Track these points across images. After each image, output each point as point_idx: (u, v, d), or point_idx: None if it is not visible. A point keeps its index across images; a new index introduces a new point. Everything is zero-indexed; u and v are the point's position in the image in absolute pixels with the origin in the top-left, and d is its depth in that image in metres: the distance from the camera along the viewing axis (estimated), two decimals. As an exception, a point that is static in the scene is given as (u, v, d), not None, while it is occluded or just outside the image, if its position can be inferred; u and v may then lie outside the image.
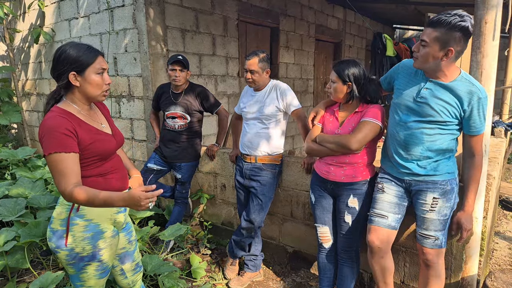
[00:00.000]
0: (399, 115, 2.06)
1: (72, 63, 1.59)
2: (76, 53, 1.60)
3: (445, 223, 2.02)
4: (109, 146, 1.74)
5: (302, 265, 3.09)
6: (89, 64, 1.62)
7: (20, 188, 3.53)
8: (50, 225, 1.70)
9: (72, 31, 4.63)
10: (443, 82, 1.91)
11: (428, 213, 2.01)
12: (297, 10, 6.17)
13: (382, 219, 2.13)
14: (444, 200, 1.99)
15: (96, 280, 1.77)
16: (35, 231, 2.81)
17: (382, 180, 2.19)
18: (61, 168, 1.54)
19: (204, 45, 4.58)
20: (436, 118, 1.92)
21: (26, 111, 5.81)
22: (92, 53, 1.64)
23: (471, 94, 1.85)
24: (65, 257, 1.67)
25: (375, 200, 2.19)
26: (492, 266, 3.23)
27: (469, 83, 1.88)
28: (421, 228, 2.06)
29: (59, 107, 1.65)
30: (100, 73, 1.65)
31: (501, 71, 6.65)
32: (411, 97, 2.00)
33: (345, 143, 2.15)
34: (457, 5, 5.88)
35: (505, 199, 4.75)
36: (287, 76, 6.20)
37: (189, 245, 3.47)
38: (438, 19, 1.80)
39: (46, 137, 1.55)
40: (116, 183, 1.78)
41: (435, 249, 2.03)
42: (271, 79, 2.78)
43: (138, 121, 4.10)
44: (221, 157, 3.46)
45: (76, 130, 1.60)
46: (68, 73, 1.60)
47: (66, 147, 1.56)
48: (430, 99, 1.93)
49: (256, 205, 2.75)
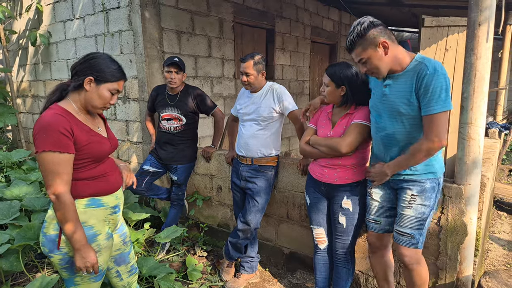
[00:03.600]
0: (374, 117, 2.09)
1: (97, 70, 1.65)
2: (106, 64, 1.67)
3: (422, 222, 1.97)
4: (104, 149, 1.74)
5: (298, 267, 3.09)
6: (109, 81, 1.68)
7: (14, 190, 3.51)
8: (42, 230, 1.68)
9: (67, 33, 4.62)
10: (398, 73, 1.90)
11: (405, 209, 1.98)
12: (292, 12, 6.19)
13: (375, 225, 2.18)
14: (422, 198, 1.95)
15: (91, 283, 1.76)
16: (30, 234, 2.79)
17: (369, 184, 2.20)
18: (53, 168, 1.54)
19: (200, 47, 4.58)
20: (402, 113, 1.89)
21: (21, 113, 5.78)
22: (119, 74, 1.71)
23: (419, 73, 1.79)
24: (59, 261, 1.66)
25: (368, 206, 2.22)
26: (486, 267, 3.24)
27: (418, 63, 1.83)
28: (397, 225, 2.03)
29: (58, 105, 1.65)
30: (113, 93, 1.71)
31: (495, 72, 6.70)
32: (378, 98, 2.03)
33: (336, 147, 2.17)
34: (451, 7, 5.92)
35: (500, 199, 4.79)
36: (283, 78, 6.21)
37: (185, 247, 3.47)
38: (350, 42, 1.88)
39: (41, 134, 1.54)
40: (106, 186, 1.77)
41: (411, 248, 1.99)
42: (267, 81, 2.78)
43: (133, 123, 4.09)
44: (217, 159, 3.45)
45: (73, 130, 1.60)
46: (87, 76, 1.63)
47: (62, 146, 1.55)
48: (390, 95, 1.93)
49: (252, 206, 2.75)
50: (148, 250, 3.32)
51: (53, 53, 4.93)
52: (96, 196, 1.72)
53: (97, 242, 1.71)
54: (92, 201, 1.70)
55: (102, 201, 1.74)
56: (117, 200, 1.83)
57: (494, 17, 2.02)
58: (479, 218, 2.28)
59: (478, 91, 2.05)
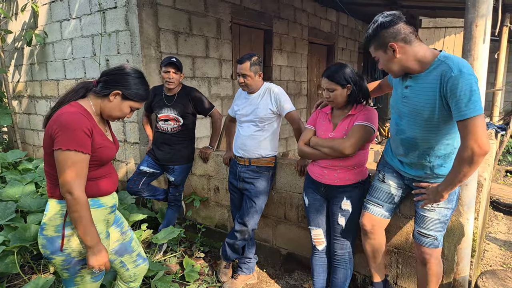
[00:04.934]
0: (394, 118, 2.05)
1: (127, 87, 1.70)
2: (136, 85, 1.72)
3: (445, 224, 1.99)
4: (111, 154, 1.77)
5: (295, 267, 3.09)
6: (134, 100, 1.74)
7: (10, 191, 3.49)
8: (42, 232, 1.66)
9: (64, 33, 4.60)
10: (419, 74, 1.81)
11: (428, 212, 1.98)
12: (290, 12, 6.20)
13: (376, 208, 2.17)
14: (446, 202, 1.94)
15: (90, 283, 1.77)
16: (25, 235, 2.77)
17: (384, 170, 2.18)
18: (73, 167, 1.55)
19: (198, 47, 4.57)
20: (426, 117, 1.80)
21: (17, 113, 5.74)
22: (145, 95, 1.77)
23: (443, 75, 1.68)
24: (61, 262, 1.66)
25: (374, 188, 2.20)
26: (483, 267, 3.25)
27: (441, 63, 1.71)
28: (420, 227, 2.02)
29: (79, 104, 1.67)
30: (132, 109, 1.77)
31: (491, 73, 6.74)
32: (399, 98, 1.97)
33: (339, 148, 2.16)
34: (448, 8, 5.94)
35: (496, 200, 4.81)
36: (280, 79, 6.21)
37: (183, 248, 3.46)
38: (364, 39, 1.88)
39: (66, 131, 1.54)
40: (106, 186, 1.78)
41: (433, 248, 2.02)
42: (264, 82, 2.78)
43: (130, 124, 4.08)
44: (214, 160, 3.45)
45: (92, 131, 1.63)
46: (115, 90, 1.69)
47: (85, 147, 1.58)
48: (412, 96, 1.86)
49: (250, 207, 2.75)
50: (146, 251, 3.31)
51: (49, 53, 4.90)
52: (95, 197, 1.73)
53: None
54: (92, 202, 1.70)
55: (101, 202, 1.75)
56: (114, 199, 1.86)
57: (491, 18, 2.02)
58: (476, 218, 2.28)
59: (475, 92, 2.05)
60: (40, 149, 5.51)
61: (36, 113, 5.43)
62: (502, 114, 6.83)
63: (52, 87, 5.02)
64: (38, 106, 5.36)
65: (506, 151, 7.72)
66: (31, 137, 5.65)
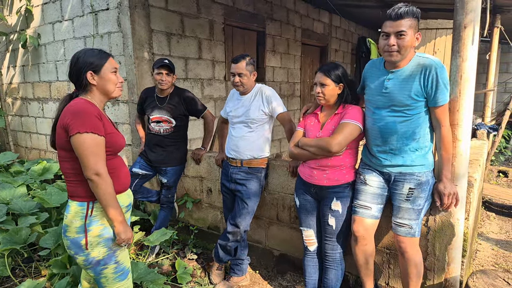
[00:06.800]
0: (372, 110, 2.16)
1: (88, 64, 1.75)
2: (90, 55, 1.76)
3: (419, 213, 2.10)
4: (120, 141, 1.84)
5: (288, 269, 3.09)
6: (103, 64, 1.77)
7: (1, 193, 3.46)
8: (65, 234, 1.74)
9: (56, 34, 4.58)
10: (402, 67, 2.02)
11: (404, 203, 2.10)
12: (283, 14, 6.21)
13: (366, 210, 2.21)
14: (419, 191, 2.07)
15: (117, 283, 1.82)
16: (16, 238, 2.75)
17: (364, 172, 2.25)
18: (93, 149, 1.63)
19: (190, 48, 4.57)
20: (403, 105, 2.01)
21: (9, 115, 5.70)
22: (104, 54, 1.81)
23: (428, 68, 1.94)
24: (83, 262, 1.74)
25: (358, 191, 2.25)
26: (475, 267, 3.27)
27: (424, 58, 1.98)
28: (396, 217, 2.15)
29: (82, 98, 1.75)
30: (114, 72, 1.81)
31: (483, 74, 6.80)
32: (377, 91, 2.12)
33: (326, 146, 2.17)
34: (438, 10, 5.99)
35: (488, 200, 4.84)
36: (273, 80, 6.22)
37: (175, 250, 3.44)
38: (404, 11, 1.92)
39: (78, 117, 1.63)
40: (124, 178, 1.86)
41: (408, 237, 2.11)
42: (256, 83, 2.79)
43: (123, 125, 4.06)
44: (207, 161, 3.44)
45: (101, 117, 1.72)
46: (86, 73, 1.74)
47: (99, 129, 1.67)
48: (393, 88, 2.04)
49: (242, 209, 2.74)
50: (138, 253, 3.29)
51: (42, 54, 4.88)
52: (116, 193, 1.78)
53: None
54: None
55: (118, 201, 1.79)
56: (129, 198, 1.92)
57: (479, 20, 2.04)
58: (466, 218, 2.30)
59: (464, 93, 2.07)
60: (33, 151, 5.47)
61: (28, 115, 5.40)
62: (494, 114, 6.88)
63: (44, 88, 4.99)
64: (30, 108, 5.33)
65: (498, 152, 7.79)
66: (24, 139, 5.61)
